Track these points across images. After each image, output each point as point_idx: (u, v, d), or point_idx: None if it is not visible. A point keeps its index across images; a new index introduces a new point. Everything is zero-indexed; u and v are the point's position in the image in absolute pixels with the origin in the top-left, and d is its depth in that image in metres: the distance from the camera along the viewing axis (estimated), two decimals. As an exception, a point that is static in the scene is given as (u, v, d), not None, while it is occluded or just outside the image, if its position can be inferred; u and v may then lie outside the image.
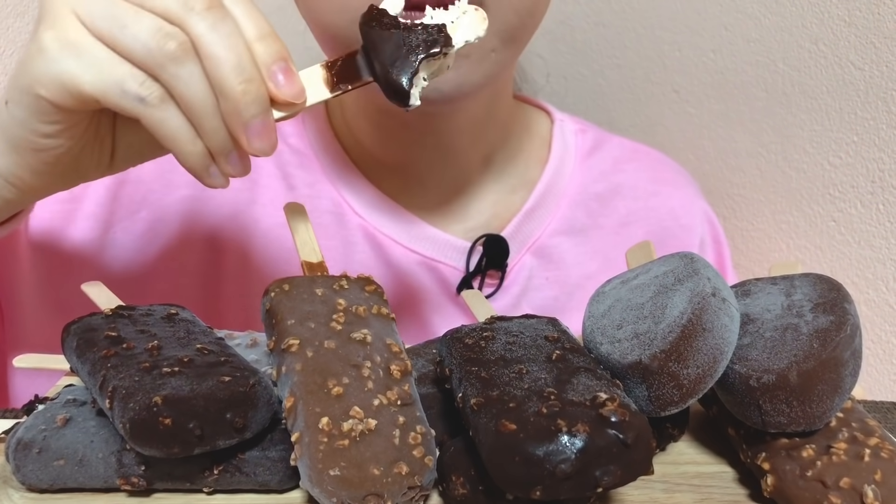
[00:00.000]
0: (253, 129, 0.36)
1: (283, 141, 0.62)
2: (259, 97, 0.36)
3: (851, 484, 0.33)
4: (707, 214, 0.69)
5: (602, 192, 0.66)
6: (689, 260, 0.40)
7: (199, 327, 0.41)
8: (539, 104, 0.69)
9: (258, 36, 0.36)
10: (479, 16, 0.38)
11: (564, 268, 0.64)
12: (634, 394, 0.37)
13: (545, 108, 0.69)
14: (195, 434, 0.33)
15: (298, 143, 0.63)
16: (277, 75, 0.36)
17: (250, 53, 0.36)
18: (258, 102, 0.36)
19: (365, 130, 0.61)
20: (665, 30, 0.76)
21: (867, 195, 0.62)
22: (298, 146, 0.63)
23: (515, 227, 0.63)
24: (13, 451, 0.36)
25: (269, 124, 0.37)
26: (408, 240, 0.61)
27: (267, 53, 0.36)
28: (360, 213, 0.61)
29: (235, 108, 0.36)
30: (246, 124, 0.36)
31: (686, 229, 0.67)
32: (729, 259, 0.70)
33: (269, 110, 0.37)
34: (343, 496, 0.32)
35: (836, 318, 0.37)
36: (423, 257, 0.61)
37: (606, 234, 0.65)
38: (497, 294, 0.62)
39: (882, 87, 0.59)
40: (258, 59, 0.36)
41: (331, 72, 0.38)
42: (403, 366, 0.38)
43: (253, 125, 0.36)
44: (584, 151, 0.67)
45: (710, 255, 0.68)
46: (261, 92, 0.36)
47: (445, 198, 0.62)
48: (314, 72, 0.38)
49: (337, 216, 0.61)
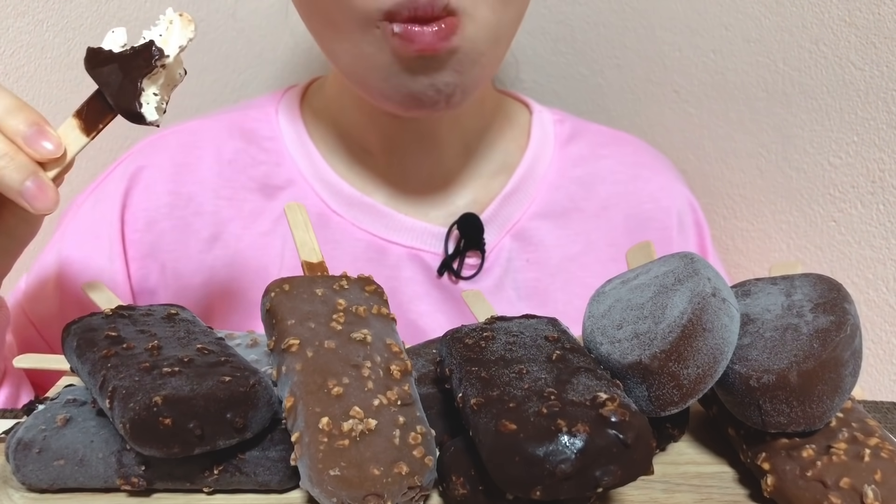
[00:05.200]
0: (28, 193, 0.40)
1: (258, 146, 0.63)
2: (21, 165, 0.40)
3: (851, 484, 0.33)
4: (687, 198, 0.69)
5: (582, 176, 0.67)
6: (689, 260, 0.40)
7: (199, 327, 0.41)
8: (519, 97, 0.71)
9: (5, 111, 0.40)
10: (184, 21, 0.41)
11: (545, 250, 0.65)
12: (634, 394, 0.37)
13: (524, 100, 0.71)
14: (195, 434, 0.33)
15: (274, 146, 0.64)
16: (32, 140, 0.40)
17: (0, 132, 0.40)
18: (21, 170, 0.40)
19: (350, 118, 0.63)
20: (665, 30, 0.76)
21: (867, 195, 0.62)
22: (274, 148, 0.64)
23: (494, 210, 0.64)
24: (13, 451, 0.36)
25: (42, 185, 0.40)
26: (387, 232, 0.62)
27: (17, 123, 0.40)
28: (339, 212, 0.62)
29: (2, 182, 0.40)
30: (20, 192, 0.40)
31: (665, 211, 0.68)
32: (710, 243, 0.70)
33: (36, 172, 0.40)
34: (343, 496, 0.32)
35: (836, 318, 0.37)
36: (404, 247, 0.62)
37: (587, 217, 0.66)
38: (479, 276, 0.63)
39: (882, 88, 0.59)
40: (10, 132, 0.40)
41: (81, 118, 0.42)
42: (403, 366, 0.38)
43: (26, 190, 0.40)
44: (562, 138, 0.68)
45: (691, 238, 0.69)
46: (20, 161, 0.40)
47: (427, 184, 0.64)
48: (68, 124, 0.42)
49: (318, 216, 0.62)
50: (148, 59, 0.40)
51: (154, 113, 0.41)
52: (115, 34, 0.41)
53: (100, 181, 0.63)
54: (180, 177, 0.62)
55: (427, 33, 0.50)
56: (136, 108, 0.40)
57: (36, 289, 0.60)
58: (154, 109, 0.41)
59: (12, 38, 0.67)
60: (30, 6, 0.68)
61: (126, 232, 0.60)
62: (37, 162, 0.41)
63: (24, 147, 0.40)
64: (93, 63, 0.41)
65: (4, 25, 0.67)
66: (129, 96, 0.40)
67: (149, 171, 0.61)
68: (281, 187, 0.63)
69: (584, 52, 0.85)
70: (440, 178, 0.64)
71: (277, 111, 0.65)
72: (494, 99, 0.67)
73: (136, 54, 0.40)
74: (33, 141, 0.40)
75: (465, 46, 0.52)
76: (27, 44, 0.68)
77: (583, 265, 0.65)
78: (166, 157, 0.62)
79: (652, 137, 0.79)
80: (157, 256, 0.61)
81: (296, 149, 0.63)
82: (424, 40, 0.50)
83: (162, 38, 0.40)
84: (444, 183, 0.64)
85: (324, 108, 0.65)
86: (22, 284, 0.62)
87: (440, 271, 0.62)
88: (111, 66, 0.40)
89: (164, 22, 0.40)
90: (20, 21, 0.68)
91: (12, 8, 0.67)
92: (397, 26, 0.50)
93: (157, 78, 0.40)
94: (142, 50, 0.40)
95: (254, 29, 0.86)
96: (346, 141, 0.63)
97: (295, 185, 0.63)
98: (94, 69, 0.41)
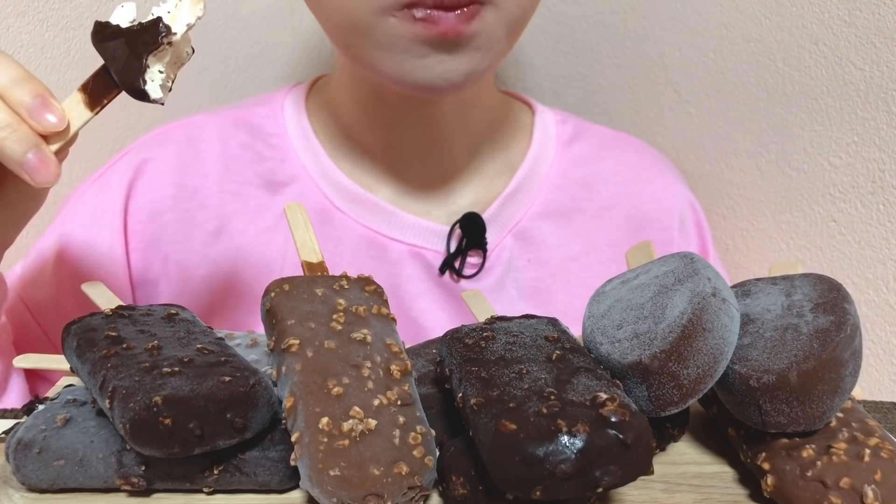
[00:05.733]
0: (28, 165, 0.40)
1: (264, 142, 0.63)
2: (23, 137, 0.39)
3: (851, 484, 0.33)
4: (689, 199, 0.70)
5: (583, 176, 0.67)
6: (689, 260, 0.40)
7: (199, 327, 0.41)
8: (522, 98, 0.71)
9: (10, 81, 0.40)
10: None
11: (546, 250, 0.65)
12: (634, 394, 0.37)
13: (527, 101, 0.71)
14: (195, 434, 0.33)
15: (279, 143, 0.64)
16: (36, 112, 0.40)
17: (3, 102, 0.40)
18: (24, 142, 0.39)
19: (355, 116, 0.63)
20: (665, 30, 0.76)
21: (867, 195, 0.62)
22: (279, 145, 0.64)
23: (496, 209, 0.64)
24: (13, 451, 0.36)
25: (44, 158, 0.40)
26: (390, 229, 0.62)
27: (22, 95, 0.40)
28: (343, 209, 0.62)
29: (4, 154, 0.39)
30: (21, 164, 0.40)
31: (667, 212, 0.68)
32: (711, 244, 0.70)
33: (39, 145, 0.40)
34: (343, 496, 0.32)
35: (836, 318, 0.37)
36: (406, 245, 0.63)
37: (588, 218, 0.66)
38: (480, 274, 0.63)
39: (882, 87, 0.59)
40: (15, 103, 0.40)
41: (86, 93, 0.41)
42: (403, 366, 0.38)
43: (27, 162, 0.40)
44: (564, 139, 0.68)
45: (692, 238, 0.69)
46: (22, 132, 0.39)
47: (430, 183, 0.64)
48: (73, 98, 0.41)
49: (321, 213, 0.62)
50: (155, 36, 0.39)
51: (158, 90, 0.40)
52: (125, 9, 0.40)
53: (104, 170, 0.62)
54: (186, 169, 0.62)
55: (451, 17, 0.51)
56: (140, 84, 0.39)
57: (33, 273, 0.60)
58: (159, 87, 0.40)
59: (12, 38, 0.67)
60: (30, 6, 0.68)
61: (129, 223, 0.60)
62: (40, 135, 0.40)
63: (28, 119, 0.40)
64: (99, 37, 0.40)
65: (4, 25, 0.67)
66: (134, 72, 0.39)
67: (154, 163, 0.61)
68: (285, 183, 0.63)
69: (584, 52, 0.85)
70: (443, 177, 0.64)
71: (283, 107, 0.65)
72: (498, 99, 0.67)
73: (143, 30, 0.39)
74: (37, 113, 0.40)
75: (486, 32, 0.53)
76: (27, 44, 0.68)
77: (584, 265, 0.65)
78: (172, 149, 0.62)
79: (652, 137, 0.79)
80: (160, 248, 0.61)
81: (301, 145, 0.63)
82: (448, 23, 0.51)
83: (170, 16, 0.39)
84: (447, 182, 0.64)
85: (328, 106, 0.65)
86: (18, 269, 0.61)
87: (442, 270, 0.62)
88: (117, 41, 0.39)
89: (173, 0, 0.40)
90: (20, 21, 0.68)
91: (12, 8, 0.67)
92: (419, 11, 0.50)
93: (164, 55, 0.40)
94: (149, 26, 0.39)
95: (254, 28, 0.86)
96: (350, 138, 0.64)
97: (299, 181, 0.63)
98: (100, 43, 0.40)
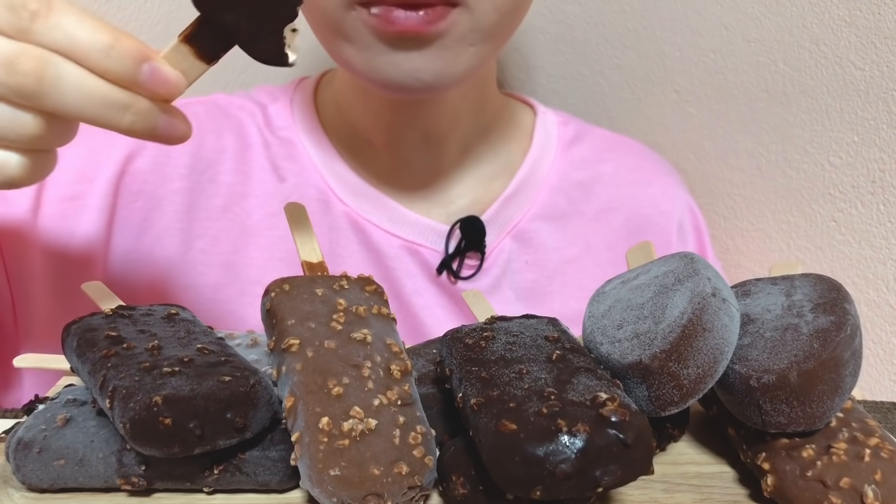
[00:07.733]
0: (161, 133, 0.37)
1: (273, 134, 0.64)
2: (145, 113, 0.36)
3: (851, 484, 0.33)
4: (688, 203, 0.70)
5: (583, 179, 0.67)
6: (689, 260, 0.40)
7: (199, 327, 0.41)
8: (524, 99, 0.71)
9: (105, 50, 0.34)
10: None
11: (544, 252, 0.65)
12: (634, 394, 0.37)
13: (530, 102, 0.71)
14: (195, 434, 0.33)
15: (288, 135, 0.64)
16: (150, 82, 0.36)
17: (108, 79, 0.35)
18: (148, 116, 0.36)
19: (357, 111, 0.63)
20: (665, 30, 0.76)
21: (867, 195, 0.62)
22: (288, 137, 0.64)
23: (495, 211, 0.64)
24: (13, 450, 0.36)
25: (171, 122, 0.37)
26: (390, 224, 0.63)
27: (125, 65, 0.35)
28: (344, 200, 0.63)
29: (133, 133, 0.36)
30: (153, 136, 0.37)
31: (666, 216, 0.68)
32: (710, 248, 0.70)
33: (163, 111, 0.37)
34: (343, 496, 0.32)
35: (836, 318, 0.37)
36: (404, 241, 0.63)
37: (587, 221, 0.66)
38: (478, 275, 0.63)
39: (882, 87, 0.59)
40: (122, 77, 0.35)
41: (191, 44, 0.37)
42: (403, 366, 0.38)
43: (159, 132, 0.37)
44: (565, 141, 0.68)
45: (690, 241, 0.69)
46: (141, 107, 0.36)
47: (428, 181, 0.64)
48: (176, 49, 0.37)
49: (323, 203, 0.62)
50: None
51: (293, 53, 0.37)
52: None
53: None
54: (204, 142, 0.62)
55: (413, 17, 0.49)
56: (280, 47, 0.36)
57: None
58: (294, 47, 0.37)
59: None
60: (30, 6, 0.68)
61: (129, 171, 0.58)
62: None
63: (141, 90, 0.36)
64: None
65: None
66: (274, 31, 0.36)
67: None
68: (293, 171, 0.63)
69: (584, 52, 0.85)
70: (440, 176, 0.64)
71: (292, 101, 0.66)
72: (497, 101, 0.67)
73: None
74: (151, 83, 0.36)
75: (454, 33, 0.51)
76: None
77: (581, 267, 0.65)
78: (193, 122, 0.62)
79: (652, 137, 0.79)
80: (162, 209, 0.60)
81: (308, 138, 0.64)
82: (408, 23, 0.49)
83: None
84: (444, 181, 0.65)
85: (333, 100, 0.65)
86: None
87: (439, 270, 0.63)
88: None
89: None
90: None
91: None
92: (375, 8, 0.49)
93: None
94: None
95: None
96: (353, 133, 0.64)
97: (306, 171, 0.63)
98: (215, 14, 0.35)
